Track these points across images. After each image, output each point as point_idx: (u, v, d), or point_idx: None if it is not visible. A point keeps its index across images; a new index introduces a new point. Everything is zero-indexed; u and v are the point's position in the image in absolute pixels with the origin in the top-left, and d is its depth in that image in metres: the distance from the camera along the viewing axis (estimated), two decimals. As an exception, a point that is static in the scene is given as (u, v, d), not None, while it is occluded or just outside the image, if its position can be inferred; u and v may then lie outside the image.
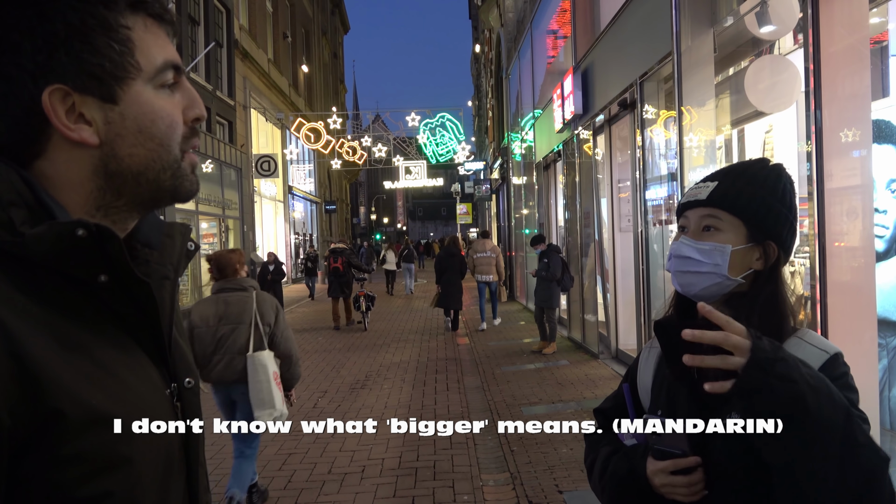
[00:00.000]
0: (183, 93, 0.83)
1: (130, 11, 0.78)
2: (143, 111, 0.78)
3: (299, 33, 28.71)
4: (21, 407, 0.64)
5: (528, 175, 15.15)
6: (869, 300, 3.38)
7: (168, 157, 0.80)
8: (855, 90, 3.57)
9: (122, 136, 0.77)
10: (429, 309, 14.52)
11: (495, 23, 19.04)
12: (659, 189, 6.84)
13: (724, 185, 1.28)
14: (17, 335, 0.65)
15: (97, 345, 0.73)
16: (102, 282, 0.74)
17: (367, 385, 7.90)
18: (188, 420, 0.84)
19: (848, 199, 3.68)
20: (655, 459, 1.24)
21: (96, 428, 0.69)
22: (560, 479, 4.61)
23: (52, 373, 0.66)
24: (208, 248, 16.96)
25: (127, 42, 0.77)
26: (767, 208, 1.26)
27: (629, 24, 7.14)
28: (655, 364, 1.40)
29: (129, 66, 0.77)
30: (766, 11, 4.28)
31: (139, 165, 0.79)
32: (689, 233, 1.30)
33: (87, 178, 0.77)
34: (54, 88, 0.73)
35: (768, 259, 1.27)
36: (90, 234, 0.72)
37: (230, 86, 18.48)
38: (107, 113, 0.76)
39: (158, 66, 0.79)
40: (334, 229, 35.29)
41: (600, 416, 1.53)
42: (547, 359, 8.98)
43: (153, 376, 0.80)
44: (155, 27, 0.80)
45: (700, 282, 1.27)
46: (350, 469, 5.02)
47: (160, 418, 0.78)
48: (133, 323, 0.79)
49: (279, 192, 23.87)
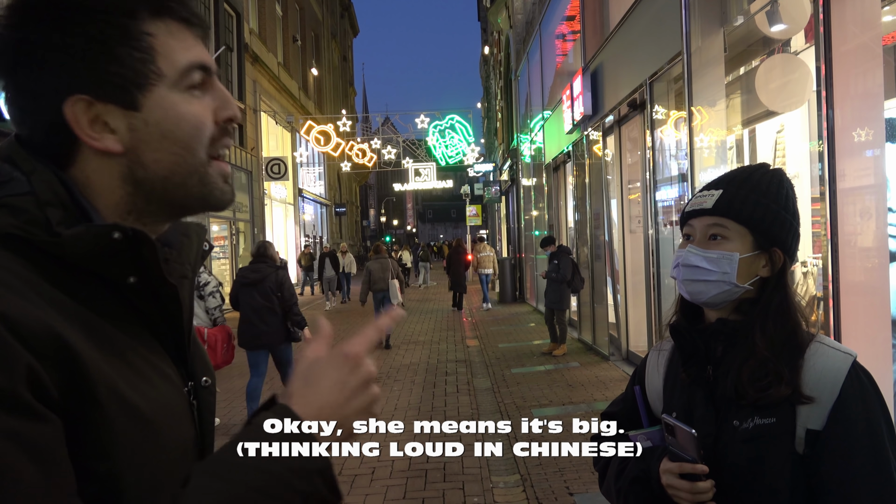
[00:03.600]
0: (214, 94, 0.82)
1: (154, 18, 0.77)
2: (166, 116, 0.78)
3: (309, 37, 28.83)
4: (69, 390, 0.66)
5: (537, 176, 15.13)
6: (883, 301, 3.34)
7: (193, 161, 0.80)
8: (868, 89, 3.54)
9: (147, 143, 0.77)
10: (439, 310, 15.18)
11: (504, 24, 19.04)
12: (669, 190, 6.80)
13: (730, 194, 1.28)
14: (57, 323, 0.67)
15: (124, 341, 0.75)
16: (131, 283, 0.76)
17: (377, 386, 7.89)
18: (203, 417, 0.85)
19: (861, 199, 3.64)
20: (669, 460, 1.24)
21: (126, 419, 0.70)
22: (570, 482, 4.59)
23: (91, 361, 0.68)
24: (219, 251, 17.06)
25: (148, 49, 0.77)
26: (773, 216, 1.27)
27: (638, 24, 7.11)
28: (666, 366, 1.40)
29: (150, 73, 0.77)
30: (776, 10, 4.26)
31: (164, 170, 0.79)
32: (696, 241, 1.30)
33: (116, 185, 0.78)
34: (76, 99, 0.74)
35: (775, 265, 1.28)
36: (126, 237, 0.73)
37: (240, 89, 18.58)
38: (130, 120, 0.77)
39: (182, 69, 0.79)
40: (344, 232, 35.38)
41: (608, 420, 1.51)
42: (557, 360, 8.95)
43: (173, 374, 0.81)
44: (181, 31, 0.80)
45: (709, 290, 1.27)
46: (360, 471, 5.02)
47: (179, 415, 0.79)
48: (156, 322, 0.80)
49: (289, 194, 23.97)
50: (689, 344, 1.31)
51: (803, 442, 1.18)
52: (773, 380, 1.20)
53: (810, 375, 1.20)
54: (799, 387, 1.19)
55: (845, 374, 1.18)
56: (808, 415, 1.18)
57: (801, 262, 5.14)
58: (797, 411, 1.19)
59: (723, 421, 1.23)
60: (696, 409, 1.28)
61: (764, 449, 1.19)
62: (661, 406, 1.39)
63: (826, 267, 3.71)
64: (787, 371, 1.20)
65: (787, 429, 1.19)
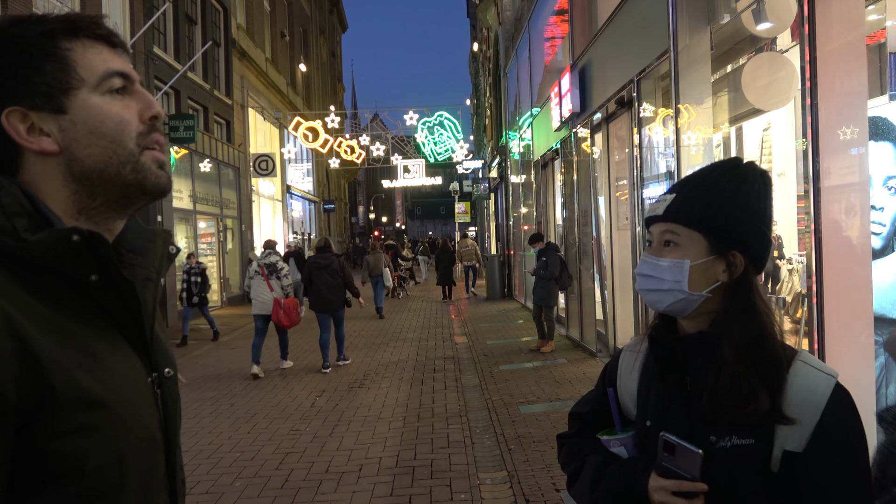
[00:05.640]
0: (137, 97, 0.94)
1: (69, 37, 0.89)
2: (91, 115, 0.89)
3: (297, 32, 28.66)
4: (26, 385, 0.75)
5: (526, 173, 15.14)
6: (865, 297, 3.37)
7: (123, 152, 0.90)
8: (853, 87, 3.57)
9: (77, 140, 0.88)
10: (428, 308, 15.18)
11: (493, 21, 19.03)
12: (657, 187, 6.83)
13: (680, 197, 1.24)
14: (20, 324, 0.76)
15: (88, 336, 0.84)
16: (93, 281, 0.85)
17: (366, 384, 7.89)
18: (167, 405, 0.95)
19: (845, 197, 3.67)
20: (659, 476, 1.19)
21: (85, 407, 0.79)
22: (557, 478, 4.60)
23: (50, 355, 0.77)
24: (206, 247, 16.97)
25: (67, 61, 0.88)
26: (725, 216, 1.21)
27: (626, 21, 7.13)
28: (640, 369, 1.36)
29: (72, 80, 0.88)
30: (762, 9, 4.28)
31: (98, 163, 0.89)
32: (652, 249, 1.27)
33: (61, 185, 0.88)
34: (11, 110, 0.86)
35: (734, 270, 1.22)
36: (83, 238, 0.83)
37: (228, 85, 18.45)
38: (59, 122, 0.88)
39: (101, 75, 0.90)
40: (333, 228, 35.27)
41: (577, 420, 1.47)
42: (545, 357, 8.97)
43: (137, 366, 0.90)
44: (97, 46, 0.91)
45: (664, 299, 1.24)
46: (347, 468, 5.01)
47: (143, 403, 0.89)
48: (120, 318, 0.89)
49: (277, 191, 23.84)
50: (666, 354, 1.27)
51: (779, 462, 1.17)
52: (750, 396, 1.16)
53: (793, 395, 1.16)
54: (780, 405, 1.16)
55: (828, 396, 1.16)
56: (787, 436, 1.16)
57: (787, 259, 5.18)
58: (776, 431, 1.16)
59: (699, 435, 1.19)
60: (671, 419, 1.24)
61: (741, 467, 1.17)
62: (633, 410, 1.35)
63: (810, 264, 3.74)
64: (765, 387, 1.16)
65: (765, 448, 1.17)
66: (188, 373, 8.89)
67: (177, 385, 0.99)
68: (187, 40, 15.98)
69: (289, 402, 7.10)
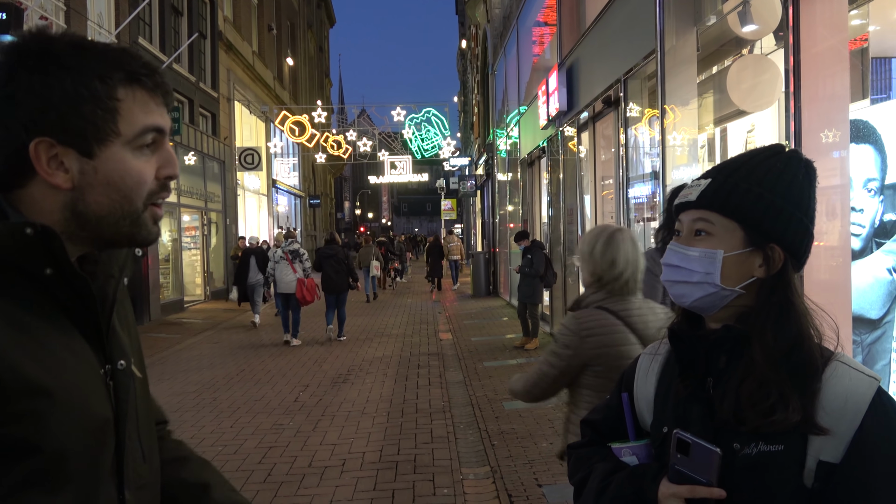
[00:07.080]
0: (161, 154, 0.95)
1: (124, 85, 0.90)
2: (115, 168, 0.91)
3: (284, 26, 28.49)
4: None
5: (512, 171, 15.18)
6: (845, 298, 3.42)
7: (129, 208, 0.92)
8: (835, 91, 3.61)
9: (92, 186, 0.90)
10: (412, 304, 15.30)
11: (482, 18, 19.03)
12: (642, 187, 6.88)
13: (716, 183, 1.13)
14: None
15: (40, 327, 0.86)
16: (48, 274, 0.87)
17: (349, 379, 7.88)
18: (119, 396, 0.96)
19: (826, 199, 3.72)
20: (671, 482, 1.08)
21: (31, 396, 0.81)
22: (540, 473, 4.64)
23: None
24: (191, 241, 16.84)
25: (113, 111, 0.89)
26: (766, 206, 1.09)
27: (614, 21, 7.16)
28: (659, 373, 1.25)
29: (109, 132, 0.90)
30: (748, 11, 4.32)
31: (102, 211, 0.91)
32: (682, 238, 1.16)
33: (57, 209, 0.90)
34: (41, 140, 0.87)
35: (772, 265, 1.11)
36: (36, 232, 0.85)
37: (214, 78, 18.30)
38: (83, 164, 0.89)
39: (138, 131, 0.92)
40: (318, 224, 35.13)
41: (588, 428, 1.36)
42: (529, 354, 9.01)
43: (89, 357, 0.92)
44: (145, 97, 0.93)
45: (692, 293, 1.13)
46: (330, 463, 5.01)
47: (94, 394, 0.91)
48: (74, 311, 0.91)
49: (263, 185, 23.70)
50: (688, 352, 1.16)
51: (813, 475, 1.03)
52: (778, 403, 1.03)
53: (829, 401, 1.04)
54: (813, 416, 1.03)
55: (869, 401, 1.03)
56: (822, 445, 1.03)
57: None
58: (809, 439, 1.04)
59: (721, 443, 1.06)
60: (691, 425, 1.11)
61: (769, 480, 1.04)
62: (649, 418, 1.24)
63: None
64: (797, 395, 1.04)
65: (797, 458, 1.04)
66: (172, 367, 8.84)
67: (130, 378, 1.00)
68: (173, 32, 15.83)
69: (272, 397, 7.08)
